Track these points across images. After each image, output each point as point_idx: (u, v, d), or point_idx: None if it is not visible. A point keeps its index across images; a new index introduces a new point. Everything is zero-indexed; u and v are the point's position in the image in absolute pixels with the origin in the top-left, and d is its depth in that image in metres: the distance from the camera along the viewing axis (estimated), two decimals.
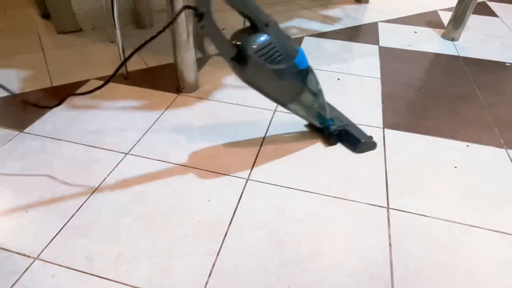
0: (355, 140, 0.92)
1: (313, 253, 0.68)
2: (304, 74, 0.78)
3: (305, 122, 1.01)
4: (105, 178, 0.82)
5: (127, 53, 1.27)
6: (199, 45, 0.71)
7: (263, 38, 0.68)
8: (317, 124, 0.92)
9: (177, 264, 0.65)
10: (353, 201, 0.79)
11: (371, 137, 0.94)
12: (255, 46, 0.68)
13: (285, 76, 0.75)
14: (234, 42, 0.69)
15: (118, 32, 1.11)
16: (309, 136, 0.97)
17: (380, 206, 0.78)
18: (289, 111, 0.87)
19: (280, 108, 1.09)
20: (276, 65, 0.71)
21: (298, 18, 1.81)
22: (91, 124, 0.99)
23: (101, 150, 0.90)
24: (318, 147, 0.93)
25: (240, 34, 0.71)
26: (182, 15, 0.98)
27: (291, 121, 1.02)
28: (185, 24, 1.00)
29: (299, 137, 0.96)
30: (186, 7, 0.62)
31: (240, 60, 0.69)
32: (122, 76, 1.22)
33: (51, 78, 1.20)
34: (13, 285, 0.60)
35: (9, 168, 0.84)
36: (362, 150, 0.91)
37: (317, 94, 0.84)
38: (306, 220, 0.74)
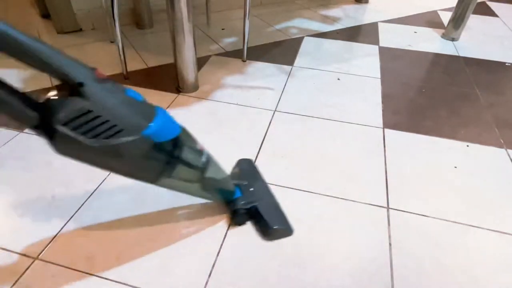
0: (265, 225, 0.71)
1: (313, 253, 0.68)
2: (167, 147, 0.56)
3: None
4: (105, 178, 0.82)
5: (127, 53, 1.27)
6: None
7: (77, 103, 0.48)
8: (212, 199, 0.75)
9: (177, 264, 0.65)
10: (353, 201, 0.79)
11: (286, 224, 0.73)
12: (64, 115, 0.47)
13: (128, 153, 0.52)
14: (45, 103, 0.49)
15: (118, 32, 1.11)
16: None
17: (380, 206, 0.78)
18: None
19: (280, 108, 1.09)
20: (106, 140, 0.49)
21: (298, 18, 1.81)
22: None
23: None
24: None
25: (50, 97, 0.50)
26: (181, 14, 0.97)
27: (288, 125, 1.01)
28: (185, 24, 1.00)
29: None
30: None
31: (46, 130, 0.49)
32: (122, 76, 1.22)
33: (51, 78, 1.20)
34: (13, 285, 0.60)
35: (9, 168, 0.84)
36: (274, 237, 0.71)
37: (203, 167, 0.63)
38: (306, 220, 0.74)
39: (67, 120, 0.48)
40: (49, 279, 0.62)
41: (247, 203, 0.72)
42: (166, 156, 0.57)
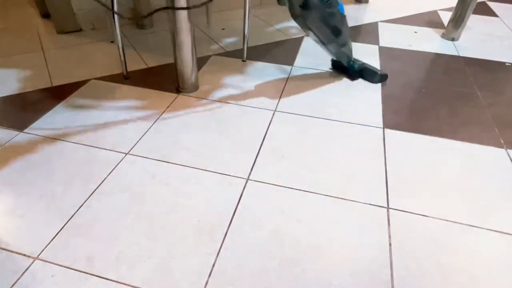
0: (373, 74, 1.23)
1: (313, 253, 0.68)
2: (343, 18, 1.09)
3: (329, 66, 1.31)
4: (105, 178, 0.82)
5: (127, 53, 1.27)
6: None
7: None
8: (344, 62, 1.22)
9: (177, 264, 0.65)
10: (353, 201, 0.79)
11: (381, 71, 1.24)
12: None
13: (332, 19, 1.05)
14: None
15: (118, 32, 1.11)
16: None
17: (380, 206, 0.78)
18: (327, 52, 1.19)
19: (280, 108, 1.09)
20: (330, 9, 1.02)
21: None
22: (91, 124, 0.99)
23: (101, 150, 0.90)
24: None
25: None
26: (181, 14, 0.97)
27: (293, 116, 1.01)
28: (185, 24, 1.00)
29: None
30: None
31: (307, 6, 0.98)
32: (122, 76, 1.22)
33: (51, 78, 1.20)
34: (13, 285, 0.60)
35: (9, 168, 0.84)
36: (379, 80, 1.23)
37: (348, 37, 1.14)
38: (306, 220, 0.74)
39: None
40: (49, 279, 0.62)
41: (360, 65, 1.25)
42: (342, 23, 1.11)
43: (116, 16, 1.07)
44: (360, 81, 1.26)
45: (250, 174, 0.85)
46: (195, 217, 0.74)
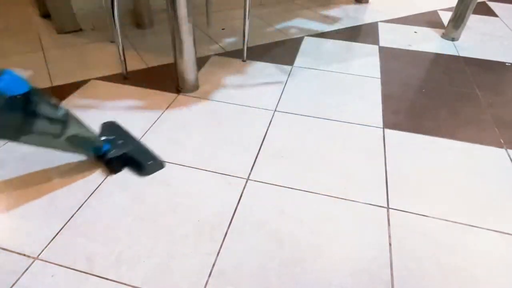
0: (139, 164, 0.84)
1: (313, 253, 0.68)
2: (21, 102, 0.60)
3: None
4: (105, 178, 0.82)
5: (127, 53, 1.27)
6: None
7: None
8: (84, 153, 0.83)
9: (177, 264, 0.65)
10: (353, 201, 0.79)
11: (156, 159, 0.86)
12: None
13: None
14: None
15: (118, 32, 1.11)
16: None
17: (380, 206, 0.78)
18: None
19: (280, 108, 1.09)
20: None
21: (298, 18, 1.81)
22: (91, 124, 0.99)
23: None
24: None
25: None
26: (181, 14, 0.97)
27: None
28: (185, 24, 1.00)
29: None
30: None
31: None
32: (122, 76, 1.22)
33: (51, 78, 1.20)
34: (13, 285, 0.60)
35: (9, 168, 0.84)
36: (149, 172, 0.83)
37: (63, 120, 0.69)
38: (306, 220, 0.74)
39: None
40: (49, 279, 0.62)
41: (118, 151, 0.84)
42: (22, 111, 0.61)
43: (116, 16, 1.07)
44: (360, 81, 1.26)
45: (250, 174, 0.85)
46: (195, 217, 0.74)
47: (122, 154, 0.84)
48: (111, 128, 0.95)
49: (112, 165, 0.83)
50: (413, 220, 0.75)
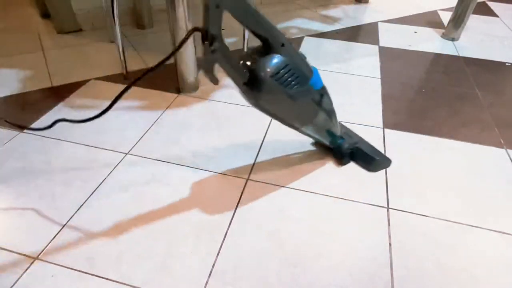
0: (369, 159, 0.87)
1: (313, 253, 0.68)
2: (319, 95, 0.72)
3: (311, 140, 0.95)
4: (105, 178, 0.82)
5: (127, 53, 1.27)
6: (207, 72, 0.60)
7: (279, 60, 0.61)
8: (327, 143, 0.86)
9: (177, 264, 0.65)
10: (353, 201, 0.79)
11: (383, 156, 0.90)
12: (271, 69, 0.61)
13: (301, 99, 0.69)
14: (247, 65, 0.63)
15: (118, 32, 1.11)
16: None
17: (380, 206, 0.78)
18: (301, 133, 0.81)
19: None
20: (292, 88, 0.65)
21: (298, 18, 1.81)
22: (91, 124, 0.99)
23: (101, 150, 0.90)
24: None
25: (251, 55, 0.63)
26: (181, 14, 0.98)
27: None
28: (185, 24, 1.00)
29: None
30: (195, 29, 0.55)
31: (254, 85, 0.63)
32: (122, 76, 1.22)
33: (51, 78, 1.20)
34: (13, 285, 0.60)
35: (9, 168, 0.84)
36: (377, 168, 0.86)
37: (331, 114, 0.79)
38: (306, 220, 0.74)
39: (273, 73, 0.61)
40: (49, 279, 0.62)
41: (352, 144, 0.89)
42: (317, 102, 0.73)
43: (116, 16, 1.07)
44: (360, 81, 1.26)
45: (250, 174, 0.85)
46: (195, 217, 0.74)
47: (354, 148, 0.89)
48: None
49: (343, 157, 0.87)
50: (413, 220, 0.75)
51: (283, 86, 0.64)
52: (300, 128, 0.77)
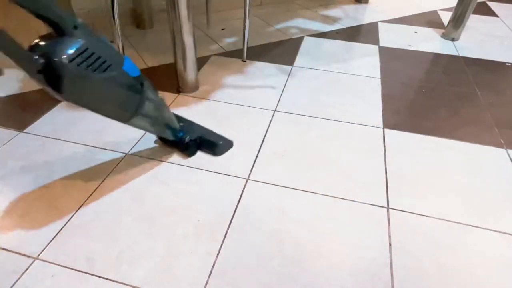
0: (213, 145, 0.91)
1: (313, 253, 0.68)
2: (139, 83, 0.68)
3: (154, 138, 0.94)
4: (105, 178, 0.82)
5: (127, 53, 1.27)
6: None
7: (76, 42, 0.55)
8: (169, 136, 0.85)
9: (177, 264, 0.65)
10: (353, 201, 0.79)
11: (224, 138, 0.94)
12: (69, 52, 0.54)
13: (118, 86, 0.63)
14: (40, 50, 0.55)
15: (118, 31, 1.11)
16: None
17: (380, 206, 0.78)
18: (135, 128, 0.77)
19: (280, 108, 1.09)
20: (103, 73, 0.59)
21: (298, 18, 1.81)
22: (91, 124, 0.99)
23: (101, 150, 0.90)
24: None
25: (42, 42, 0.56)
26: (181, 14, 0.97)
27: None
28: (185, 24, 1.00)
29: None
30: None
31: (52, 73, 0.54)
32: None
33: None
34: (13, 285, 0.60)
35: (9, 168, 0.84)
36: (222, 151, 0.91)
37: (160, 103, 0.77)
38: (306, 220, 0.74)
39: (72, 57, 0.54)
40: (49, 279, 0.62)
41: (193, 135, 0.89)
42: (138, 90, 0.68)
43: (116, 16, 1.07)
44: (360, 81, 1.26)
45: (250, 174, 0.85)
46: (195, 217, 0.74)
47: (196, 138, 0.90)
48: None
49: (189, 149, 0.89)
50: (413, 220, 0.75)
51: (89, 71, 0.57)
52: (130, 121, 0.72)
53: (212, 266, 0.65)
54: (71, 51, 0.55)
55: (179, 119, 0.98)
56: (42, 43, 0.56)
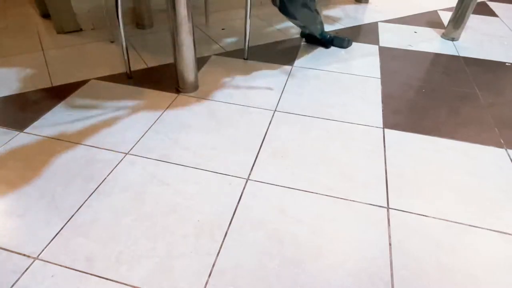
0: (342, 40, 1.47)
1: (313, 253, 0.68)
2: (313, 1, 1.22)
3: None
4: (105, 178, 0.82)
5: (130, 53, 1.27)
6: None
7: None
8: (317, 34, 1.39)
9: (177, 264, 0.65)
10: (353, 201, 0.79)
11: (347, 38, 1.49)
12: None
13: (312, 1, 1.21)
14: None
15: (121, 31, 1.11)
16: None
17: (380, 206, 0.78)
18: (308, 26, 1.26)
19: (280, 108, 1.09)
20: None
21: None
22: (91, 124, 0.99)
23: (101, 150, 0.90)
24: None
25: None
26: (182, 14, 0.97)
27: (293, 119, 1.01)
28: (185, 24, 1.00)
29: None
30: None
31: None
32: (122, 75, 1.22)
33: (51, 78, 1.20)
34: (13, 285, 0.60)
35: (9, 168, 0.84)
36: (347, 44, 1.47)
37: (319, 13, 1.29)
38: (306, 220, 0.74)
39: None
40: (49, 279, 0.62)
41: (330, 35, 1.46)
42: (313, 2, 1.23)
43: (120, 16, 1.07)
44: (360, 81, 1.26)
45: (250, 174, 0.85)
46: (195, 217, 0.74)
47: (333, 36, 1.46)
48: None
49: (328, 43, 1.46)
50: (413, 220, 0.75)
51: None
52: (307, 27, 1.31)
53: (212, 266, 0.65)
54: None
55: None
56: None
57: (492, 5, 2.16)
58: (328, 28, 1.71)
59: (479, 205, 0.80)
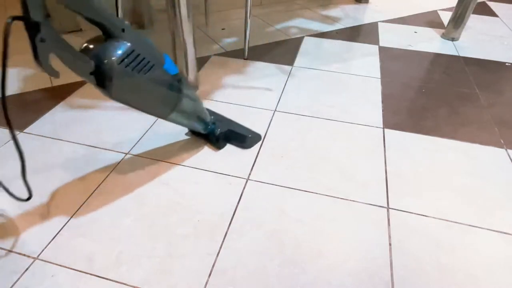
0: (242, 138, 0.95)
1: (313, 253, 0.68)
2: (176, 80, 0.72)
3: (185, 131, 0.97)
4: (105, 178, 0.82)
5: None
6: (43, 65, 0.55)
7: (123, 45, 0.59)
8: (201, 130, 0.89)
9: (177, 264, 0.65)
10: (353, 201, 0.79)
11: (253, 132, 0.98)
12: (116, 55, 0.58)
13: (160, 84, 0.68)
14: (91, 52, 0.58)
15: None
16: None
17: (380, 206, 0.78)
18: (171, 123, 0.81)
19: (280, 108, 1.09)
20: (147, 73, 0.64)
21: (298, 18, 1.81)
22: (91, 124, 0.99)
23: (101, 150, 0.90)
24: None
25: (92, 44, 0.59)
26: (181, 14, 0.97)
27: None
28: (185, 24, 1.00)
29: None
30: (14, 18, 0.51)
31: (102, 74, 0.58)
32: None
33: (51, 78, 1.20)
34: (13, 285, 0.60)
35: (9, 168, 0.84)
36: (251, 144, 0.94)
37: (195, 99, 0.81)
38: (306, 220, 0.74)
39: (121, 59, 0.58)
40: (49, 279, 0.62)
41: (223, 128, 0.93)
42: (177, 87, 0.73)
43: (120, 15, 1.07)
44: (360, 81, 1.26)
45: (250, 174, 0.85)
46: (195, 217, 0.74)
47: (226, 131, 0.94)
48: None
49: (219, 142, 0.92)
50: (413, 220, 0.75)
51: (135, 71, 0.61)
52: (168, 117, 0.76)
53: (212, 266, 0.65)
54: (119, 53, 0.58)
55: (210, 112, 1.01)
56: (92, 46, 0.59)
57: (492, 5, 2.16)
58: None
59: (479, 205, 0.80)
